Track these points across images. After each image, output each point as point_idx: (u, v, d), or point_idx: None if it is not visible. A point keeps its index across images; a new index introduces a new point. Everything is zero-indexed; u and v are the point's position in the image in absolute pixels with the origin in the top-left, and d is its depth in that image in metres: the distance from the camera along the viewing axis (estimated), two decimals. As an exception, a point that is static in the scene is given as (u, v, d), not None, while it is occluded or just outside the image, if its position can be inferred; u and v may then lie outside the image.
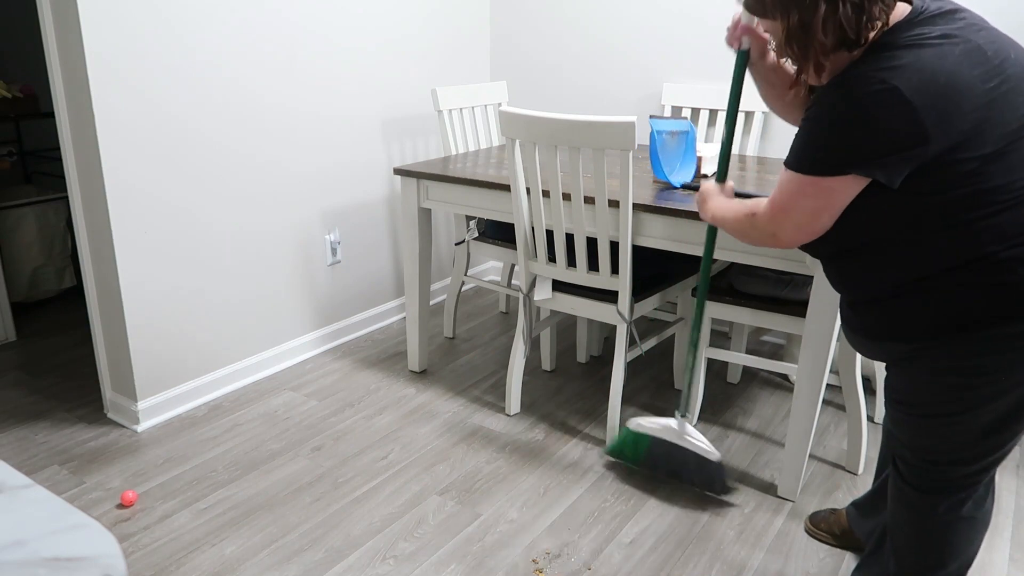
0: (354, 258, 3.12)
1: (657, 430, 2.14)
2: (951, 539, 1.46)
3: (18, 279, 3.28)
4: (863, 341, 1.44)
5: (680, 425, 2.11)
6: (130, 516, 2.02)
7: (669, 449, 2.13)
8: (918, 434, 1.41)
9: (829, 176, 1.26)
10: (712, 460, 2.06)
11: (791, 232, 1.37)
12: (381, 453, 2.32)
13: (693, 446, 2.09)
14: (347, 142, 2.97)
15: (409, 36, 3.13)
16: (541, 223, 2.25)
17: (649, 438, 2.15)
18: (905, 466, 1.47)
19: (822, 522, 1.98)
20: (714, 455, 2.06)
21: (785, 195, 1.34)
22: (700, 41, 2.99)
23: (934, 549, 1.48)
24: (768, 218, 1.40)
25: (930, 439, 1.39)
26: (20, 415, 2.53)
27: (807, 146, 1.29)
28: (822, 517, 1.99)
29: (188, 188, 2.44)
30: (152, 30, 2.25)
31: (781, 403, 2.66)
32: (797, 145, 1.31)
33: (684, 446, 2.10)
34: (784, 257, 1.94)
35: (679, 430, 2.11)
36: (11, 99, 3.39)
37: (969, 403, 1.31)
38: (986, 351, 1.27)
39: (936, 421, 1.36)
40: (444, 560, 1.87)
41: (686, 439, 2.10)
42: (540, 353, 2.95)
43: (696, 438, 2.09)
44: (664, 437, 2.13)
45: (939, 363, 1.32)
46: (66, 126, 2.26)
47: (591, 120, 1.98)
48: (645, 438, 2.16)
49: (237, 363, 2.72)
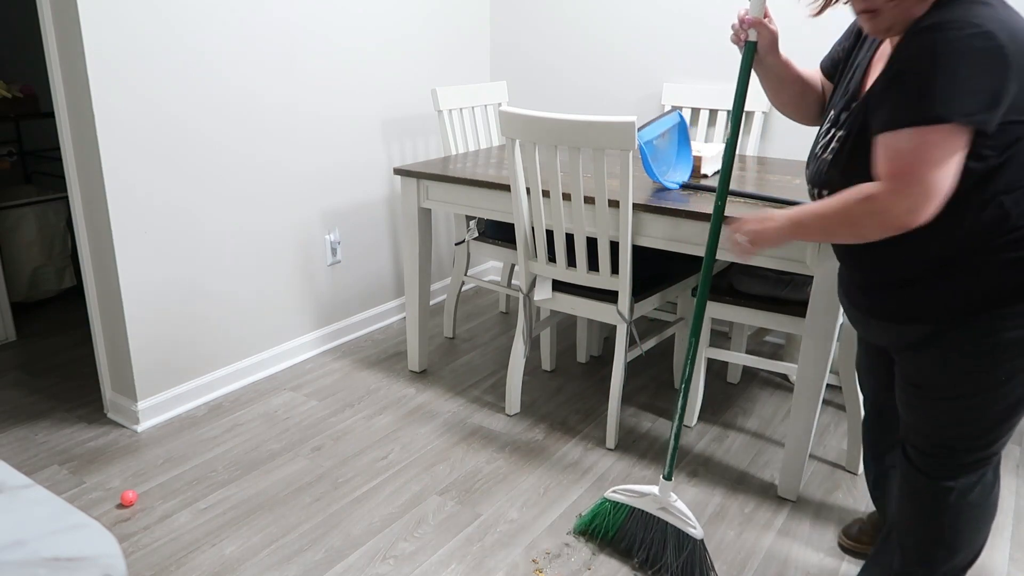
0: (354, 258, 3.12)
1: (636, 499, 1.88)
2: (959, 527, 1.45)
3: (18, 279, 3.28)
4: (885, 326, 1.42)
5: (663, 491, 1.83)
6: (130, 516, 2.02)
7: (647, 523, 1.86)
8: (933, 418, 1.40)
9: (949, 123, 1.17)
10: (695, 538, 1.78)
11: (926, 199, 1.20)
12: (381, 453, 2.32)
13: (675, 519, 1.82)
14: (347, 142, 2.97)
15: (409, 36, 3.13)
16: (541, 223, 2.25)
17: (628, 509, 1.89)
18: (916, 452, 1.46)
19: (864, 535, 1.90)
20: (698, 532, 1.78)
21: (908, 157, 1.20)
22: (700, 41, 2.99)
23: (943, 539, 1.47)
24: (894, 193, 1.22)
25: (946, 422, 1.39)
26: (20, 415, 2.53)
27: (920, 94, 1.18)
28: (860, 530, 1.91)
29: (188, 188, 2.44)
30: (152, 30, 2.25)
31: (781, 403, 2.66)
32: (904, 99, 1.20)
33: (665, 519, 1.83)
34: (784, 257, 1.94)
35: (661, 497, 1.83)
36: (11, 99, 3.39)
37: (986, 384, 1.32)
38: (1006, 328, 1.27)
39: (953, 404, 1.36)
40: (444, 560, 1.87)
41: (668, 511, 1.83)
42: (540, 353, 2.95)
43: (679, 511, 1.81)
44: (643, 507, 1.87)
45: (959, 343, 1.32)
46: (66, 126, 2.26)
47: (591, 120, 1.98)
48: (623, 509, 1.89)
49: (237, 363, 2.72)
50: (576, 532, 1.98)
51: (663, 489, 1.83)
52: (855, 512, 2.06)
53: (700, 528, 1.79)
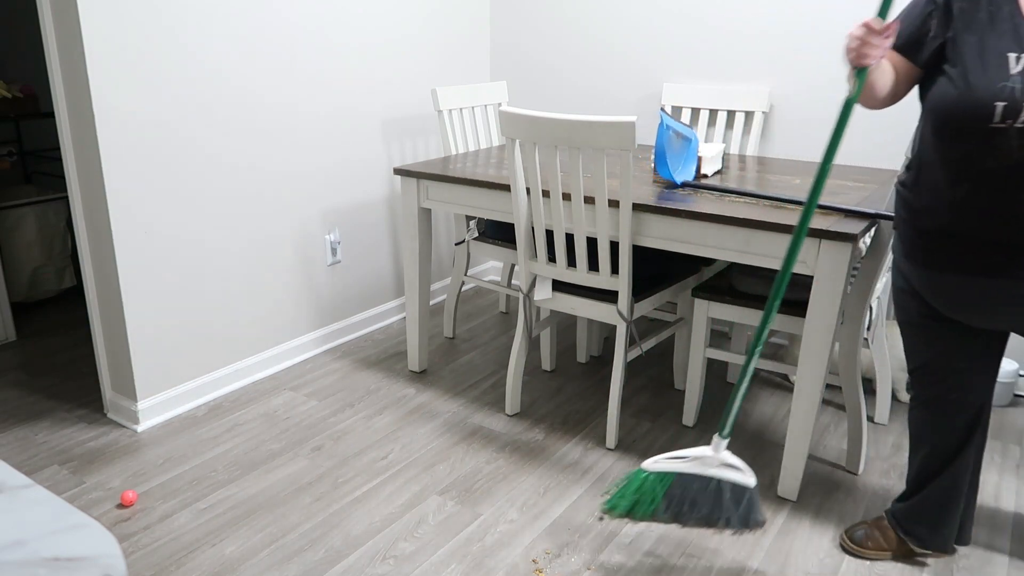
0: (354, 258, 3.12)
1: (688, 463, 1.77)
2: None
3: (18, 279, 3.28)
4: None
5: (717, 448, 1.76)
6: (130, 516, 2.02)
7: (696, 483, 1.77)
8: None
9: None
10: (751, 486, 1.74)
11: None
12: (381, 453, 2.32)
13: (731, 473, 1.75)
14: (347, 142, 2.97)
15: (409, 36, 3.13)
16: (541, 223, 2.25)
17: (672, 476, 1.77)
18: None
19: (869, 540, 1.90)
20: (753, 479, 1.75)
21: None
22: (700, 41, 2.99)
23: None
24: None
25: None
26: (20, 415, 2.53)
27: None
28: (865, 535, 1.91)
29: (188, 188, 2.44)
30: (152, 30, 2.25)
31: (781, 403, 2.66)
32: None
33: (717, 476, 1.76)
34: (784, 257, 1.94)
35: (715, 456, 1.76)
36: (11, 99, 3.39)
37: None
38: None
39: None
40: (444, 560, 1.87)
41: (721, 467, 1.76)
42: (540, 353, 2.94)
43: (736, 464, 1.75)
44: (697, 470, 1.77)
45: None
46: (66, 126, 2.26)
47: (591, 120, 1.98)
48: (667, 477, 1.77)
49: (237, 363, 2.72)
50: (610, 511, 1.83)
51: (718, 446, 1.76)
52: (855, 512, 2.06)
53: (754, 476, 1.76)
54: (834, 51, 2.72)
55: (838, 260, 1.85)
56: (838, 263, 1.86)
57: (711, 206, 2.04)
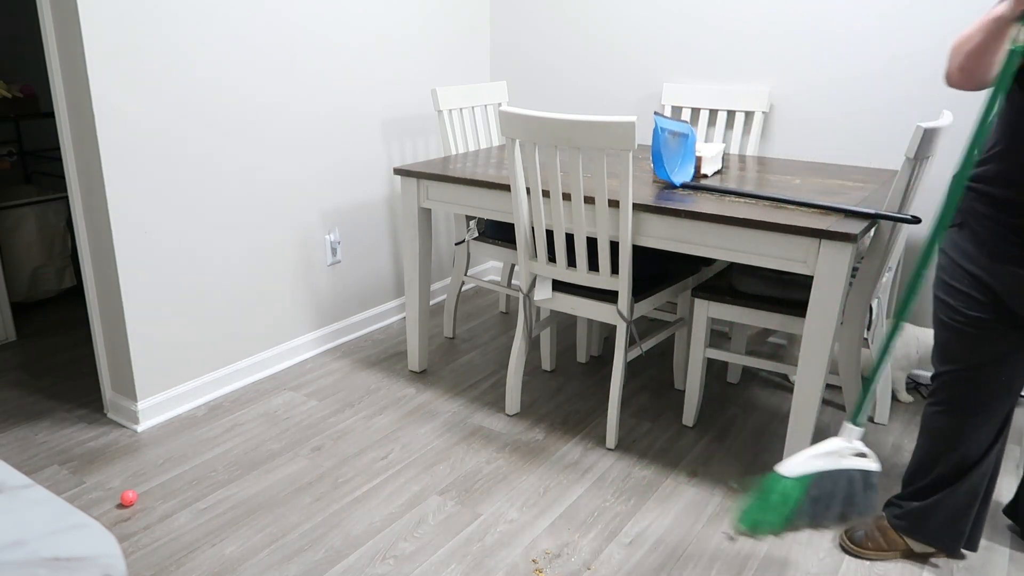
0: (354, 258, 3.12)
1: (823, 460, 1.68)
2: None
3: (18, 279, 3.28)
4: None
5: (849, 436, 1.69)
6: (130, 516, 2.02)
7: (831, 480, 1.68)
8: None
9: None
10: (878, 471, 1.69)
11: None
12: (381, 453, 2.32)
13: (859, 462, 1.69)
14: (347, 142, 2.97)
15: (409, 36, 3.13)
16: (541, 223, 2.25)
17: (811, 478, 1.67)
18: None
19: (869, 540, 1.89)
20: (878, 464, 1.69)
21: None
22: (700, 41, 2.99)
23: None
24: None
25: None
26: (20, 415, 2.53)
27: None
28: (866, 535, 1.90)
29: (188, 188, 2.44)
30: (152, 30, 2.25)
31: (781, 403, 2.66)
32: None
33: (848, 467, 1.68)
34: (784, 257, 1.94)
35: (846, 444, 1.69)
36: (11, 99, 3.39)
37: None
38: None
39: None
40: (444, 560, 1.87)
41: (850, 457, 1.69)
42: (540, 353, 2.95)
43: (863, 450, 1.69)
44: (833, 466, 1.68)
45: None
46: (66, 126, 2.26)
47: (591, 120, 1.98)
48: (805, 480, 1.67)
49: (237, 363, 2.72)
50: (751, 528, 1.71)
51: (850, 434, 1.69)
52: (855, 512, 2.06)
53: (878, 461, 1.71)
54: (834, 51, 2.72)
55: (838, 260, 1.85)
56: (838, 263, 1.86)
57: (711, 206, 2.04)
